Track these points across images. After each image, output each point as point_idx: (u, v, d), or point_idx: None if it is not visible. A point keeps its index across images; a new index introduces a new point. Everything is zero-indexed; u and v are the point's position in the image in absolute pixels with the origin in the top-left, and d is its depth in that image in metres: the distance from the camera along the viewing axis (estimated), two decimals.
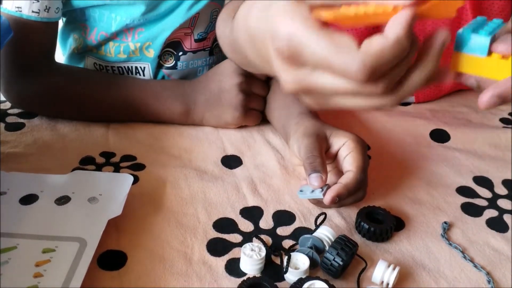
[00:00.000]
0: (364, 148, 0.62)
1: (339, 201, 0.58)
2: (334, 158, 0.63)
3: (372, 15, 0.35)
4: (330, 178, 0.61)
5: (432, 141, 0.78)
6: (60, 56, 0.86)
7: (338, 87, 0.36)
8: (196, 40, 0.82)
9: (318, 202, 0.62)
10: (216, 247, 0.57)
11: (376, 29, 0.36)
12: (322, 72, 0.36)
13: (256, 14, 0.42)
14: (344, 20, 0.36)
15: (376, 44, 0.34)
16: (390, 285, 0.53)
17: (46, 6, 0.71)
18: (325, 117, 0.70)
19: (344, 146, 0.62)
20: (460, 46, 0.40)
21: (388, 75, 0.36)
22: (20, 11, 0.70)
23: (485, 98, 0.39)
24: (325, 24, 0.36)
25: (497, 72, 0.39)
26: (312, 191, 0.58)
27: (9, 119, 0.77)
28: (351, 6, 0.36)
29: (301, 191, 0.59)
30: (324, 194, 0.57)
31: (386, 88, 0.36)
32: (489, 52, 0.39)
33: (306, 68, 0.36)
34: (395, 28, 0.34)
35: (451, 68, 0.41)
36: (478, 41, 0.39)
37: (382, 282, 0.53)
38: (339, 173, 0.62)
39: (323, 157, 0.60)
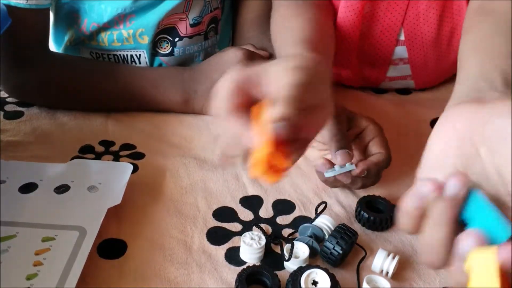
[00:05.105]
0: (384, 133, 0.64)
1: (366, 175, 0.59)
2: (353, 140, 0.63)
3: None
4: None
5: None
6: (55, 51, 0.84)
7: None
8: (191, 25, 0.81)
9: (335, 181, 0.60)
10: (216, 236, 0.57)
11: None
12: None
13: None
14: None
15: None
16: (390, 273, 0.53)
17: None
18: None
19: (367, 130, 0.63)
20: None
21: None
22: None
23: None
24: None
25: None
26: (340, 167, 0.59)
27: (8, 107, 0.77)
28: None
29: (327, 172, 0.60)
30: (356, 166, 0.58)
31: None
32: None
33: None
34: None
35: None
36: None
37: (382, 270, 0.53)
38: (360, 154, 0.62)
39: (348, 136, 0.61)
